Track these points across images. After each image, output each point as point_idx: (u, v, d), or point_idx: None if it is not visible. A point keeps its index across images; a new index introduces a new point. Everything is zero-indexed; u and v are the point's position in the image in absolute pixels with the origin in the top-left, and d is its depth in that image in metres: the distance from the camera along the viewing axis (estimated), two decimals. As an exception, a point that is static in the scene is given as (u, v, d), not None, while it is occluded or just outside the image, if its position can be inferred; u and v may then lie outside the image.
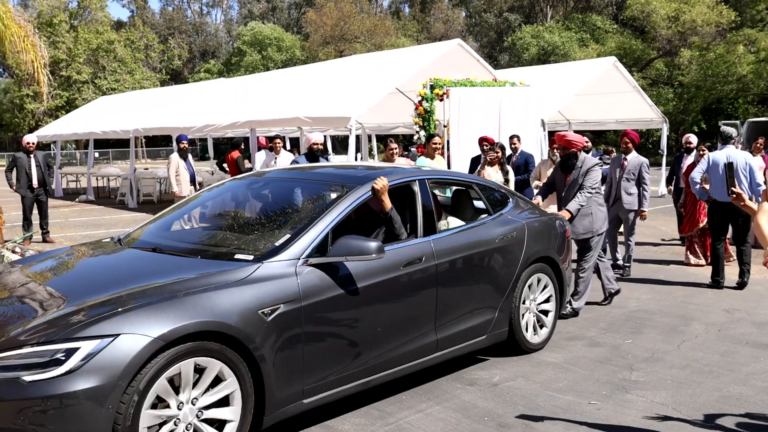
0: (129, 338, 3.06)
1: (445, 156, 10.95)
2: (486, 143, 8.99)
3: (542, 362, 5.21)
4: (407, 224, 4.58)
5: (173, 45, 55.94)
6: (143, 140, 45.27)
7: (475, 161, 9.41)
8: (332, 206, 4.17)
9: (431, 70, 12.62)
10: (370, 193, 4.37)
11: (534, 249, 5.31)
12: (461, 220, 5.28)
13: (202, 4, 70.32)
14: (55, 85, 44.36)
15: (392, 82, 13.70)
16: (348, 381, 3.97)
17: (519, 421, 4.10)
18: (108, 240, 4.82)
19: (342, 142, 28.27)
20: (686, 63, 35.14)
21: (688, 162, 9.73)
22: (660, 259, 9.48)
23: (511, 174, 8.50)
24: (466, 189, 5.57)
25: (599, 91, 17.46)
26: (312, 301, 3.72)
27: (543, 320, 5.52)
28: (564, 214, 6.24)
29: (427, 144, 8.81)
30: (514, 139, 9.73)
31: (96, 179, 22.28)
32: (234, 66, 52.81)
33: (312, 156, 8.06)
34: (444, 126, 11.70)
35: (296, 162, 8.52)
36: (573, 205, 6.37)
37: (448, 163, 10.90)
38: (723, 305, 6.96)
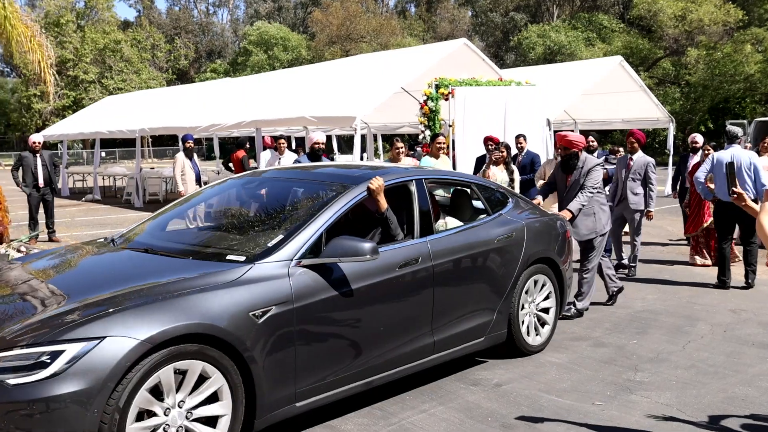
0: (115, 341, 3.00)
1: (450, 156, 10.94)
2: (491, 143, 8.97)
3: (546, 362, 5.19)
4: (404, 225, 4.52)
5: (180, 45, 56.07)
6: (150, 140, 45.39)
7: (480, 161, 9.40)
8: (326, 206, 4.10)
9: (437, 70, 12.61)
10: (366, 194, 4.30)
11: (533, 250, 5.24)
12: (460, 221, 5.21)
13: (209, 4, 70.55)
14: (62, 85, 44.50)
15: (397, 82, 13.69)
16: (342, 384, 3.91)
17: (522, 422, 4.08)
18: (101, 240, 4.74)
19: (347, 142, 28.31)
20: (693, 62, 35.03)
21: (694, 162, 9.69)
22: (666, 260, 9.44)
23: (516, 174, 8.48)
24: (465, 189, 5.50)
25: (605, 91, 17.40)
26: (305, 303, 3.66)
27: (543, 322, 5.45)
28: (565, 214, 6.19)
29: (432, 143, 8.79)
30: (521, 139, 9.70)
31: (102, 179, 22.38)
32: (240, 66, 52.90)
33: (314, 155, 8.05)
34: (449, 125, 11.68)
35: (298, 161, 8.52)
36: (574, 205, 6.32)
37: (454, 163, 10.88)
38: (729, 305, 6.93)
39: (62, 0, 46.83)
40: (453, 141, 11.35)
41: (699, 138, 10.23)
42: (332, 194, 4.27)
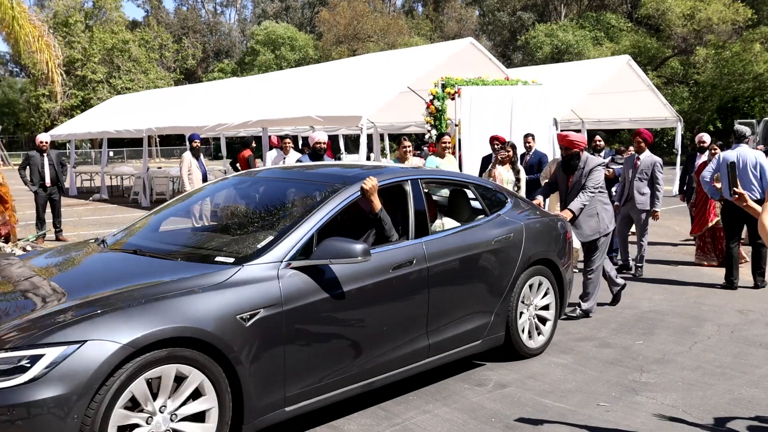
0: (96, 345, 2.93)
1: (457, 155, 10.91)
2: (497, 142, 8.94)
3: (551, 363, 5.16)
4: (399, 226, 4.44)
5: (187, 44, 56.20)
6: (157, 139, 45.52)
7: (486, 160, 9.36)
8: (318, 207, 4.03)
9: (443, 69, 12.59)
10: (359, 194, 4.23)
11: (533, 251, 5.15)
12: (458, 222, 5.12)
13: (216, 4, 70.64)
14: (71, 85, 44.75)
15: (404, 81, 13.67)
16: (334, 388, 3.84)
17: (526, 422, 4.06)
18: (92, 241, 4.67)
19: (355, 142, 28.28)
20: (702, 61, 34.87)
21: (700, 161, 9.63)
22: (673, 260, 9.39)
23: (522, 173, 8.44)
24: (463, 189, 5.40)
25: (613, 90, 17.34)
26: (294, 306, 3.59)
27: (542, 325, 5.37)
28: (566, 214, 6.13)
29: (437, 143, 8.77)
30: (529, 138, 9.65)
31: (110, 178, 22.45)
32: (247, 65, 52.99)
33: (315, 155, 8.04)
34: (455, 125, 11.65)
35: (300, 161, 8.52)
36: (575, 205, 6.25)
37: (460, 163, 10.85)
38: (736, 306, 6.88)
39: (71, 0, 47.06)
40: (459, 140, 11.32)
41: (706, 137, 10.18)
42: (325, 195, 4.19)
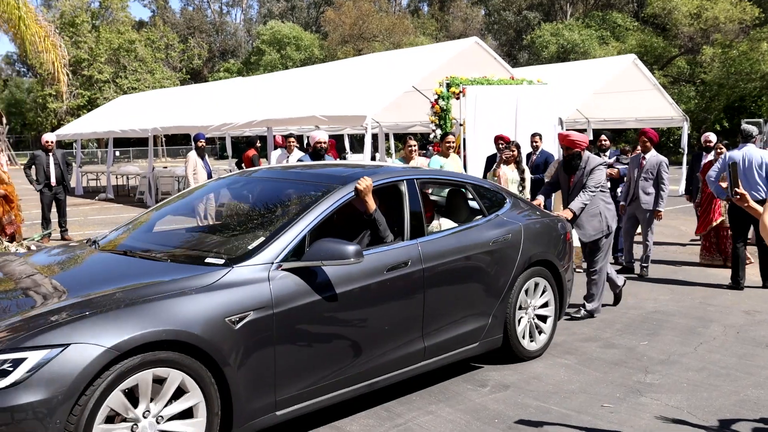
0: (80, 348, 2.87)
1: (461, 155, 10.89)
2: (502, 142, 8.91)
3: (555, 364, 5.14)
4: (394, 226, 4.37)
5: (193, 44, 56.34)
6: (163, 139, 45.64)
7: (491, 160, 9.34)
8: (311, 208, 3.96)
9: (448, 69, 12.56)
10: (353, 194, 4.17)
11: (531, 252, 5.08)
12: (455, 222, 5.05)
13: (222, 4, 70.69)
14: (77, 85, 44.93)
15: (408, 81, 13.65)
16: (327, 391, 3.78)
17: (529, 424, 4.04)
18: (84, 242, 4.59)
19: (360, 141, 28.28)
20: (708, 60, 34.69)
21: (706, 161, 9.58)
22: (679, 260, 9.34)
23: (527, 173, 8.42)
24: (461, 190, 5.32)
25: (619, 89, 17.26)
26: (285, 308, 3.53)
27: (541, 327, 5.30)
28: (566, 214, 6.08)
29: (441, 142, 8.75)
30: (536, 138, 9.61)
31: (115, 178, 22.52)
32: (253, 65, 53.03)
33: (316, 154, 8.03)
34: (460, 124, 11.63)
35: (301, 160, 8.51)
36: (576, 204, 6.20)
37: (465, 162, 10.82)
38: (743, 307, 6.84)
39: (77, 0, 47.23)
40: (464, 140, 11.29)
41: (712, 137, 10.14)
42: (318, 195, 4.12)
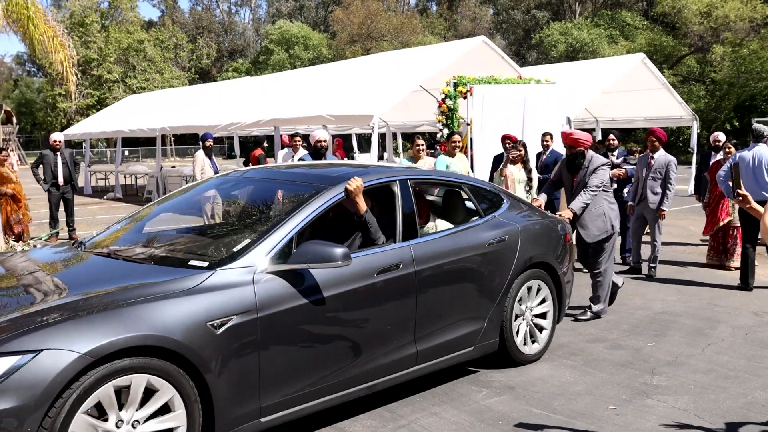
0: (53, 354, 2.77)
1: (469, 154, 10.84)
2: (509, 141, 8.86)
3: (561, 365, 5.10)
4: (386, 228, 4.28)
5: (202, 44, 56.48)
6: (172, 138, 45.79)
7: (498, 159, 9.29)
8: (299, 209, 3.87)
9: (455, 68, 12.51)
10: (343, 195, 4.07)
11: (529, 254, 4.97)
12: (451, 223, 4.92)
13: (231, 4, 70.85)
14: (87, 84, 45.13)
15: (416, 80, 13.61)
16: (314, 398, 3.69)
17: (534, 425, 4.01)
18: (72, 243, 4.51)
19: (368, 141, 28.25)
20: (718, 59, 34.44)
21: (714, 160, 9.51)
22: (687, 260, 9.27)
23: (535, 173, 8.36)
24: (457, 190, 5.19)
25: (627, 89, 17.16)
26: (270, 312, 3.43)
27: (539, 330, 5.21)
28: (567, 213, 6.01)
29: (448, 142, 8.71)
30: (547, 137, 9.51)
31: (124, 177, 22.60)
32: (261, 65, 53.09)
33: (317, 154, 8.01)
34: (467, 124, 11.58)
35: (302, 159, 8.49)
36: (576, 204, 6.13)
37: (472, 162, 10.78)
38: (751, 308, 6.77)
39: (87, 0, 47.45)
40: (471, 139, 11.24)
41: (721, 136, 10.07)
42: (306, 196, 4.03)
